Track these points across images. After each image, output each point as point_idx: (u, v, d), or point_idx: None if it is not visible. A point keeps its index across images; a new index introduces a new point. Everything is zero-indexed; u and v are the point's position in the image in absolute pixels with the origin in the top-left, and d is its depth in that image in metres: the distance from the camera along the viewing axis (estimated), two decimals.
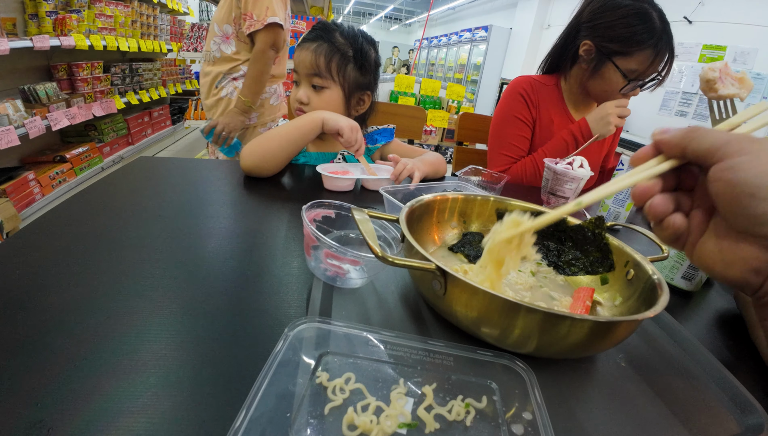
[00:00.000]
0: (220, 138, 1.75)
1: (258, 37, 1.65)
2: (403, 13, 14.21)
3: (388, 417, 0.31)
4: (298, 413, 0.31)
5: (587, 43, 1.15)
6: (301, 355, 0.36)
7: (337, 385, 0.34)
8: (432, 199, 0.59)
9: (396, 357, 0.37)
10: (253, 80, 1.71)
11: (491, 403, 0.34)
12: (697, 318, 0.63)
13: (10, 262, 0.52)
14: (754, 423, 0.41)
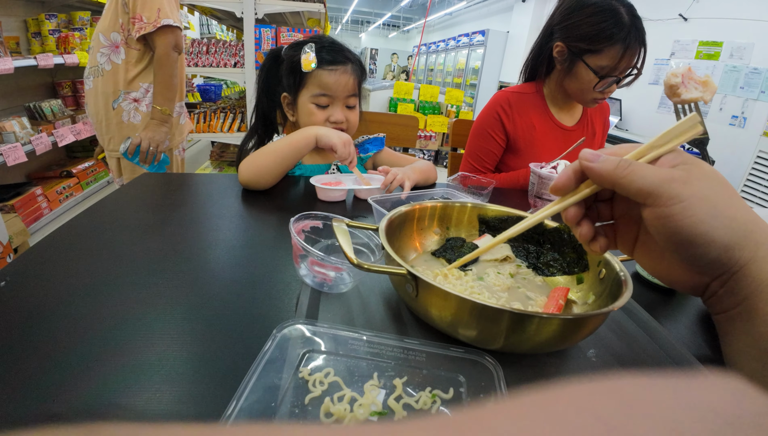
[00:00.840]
0: (148, 155, 1.66)
1: (156, 40, 1.58)
2: (400, 20, 14.32)
3: (362, 406, 0.35)
4: (282, 403, 0.35)
5: (559, 44, 1.19)
6: (287, 353, 0.39)
7: (317, 378, 0.37)
8: (411, 209, 0.62)
9: (373, 354, 0.41)
10: (164, 86, 1.65)
11: (457, 394, 0.37)
12: (679, 315, 0.65)
13: (26, 275, 0.56)
14: None
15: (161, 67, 1.62)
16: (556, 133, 1.32)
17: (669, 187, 0.32)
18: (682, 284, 0.37)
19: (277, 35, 2.42)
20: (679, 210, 0.32)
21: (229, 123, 2.71)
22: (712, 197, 0.32)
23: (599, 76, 1.13)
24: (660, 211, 0.33)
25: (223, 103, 3.28)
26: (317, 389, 0.36)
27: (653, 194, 0.32)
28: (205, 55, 2.55)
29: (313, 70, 1.02)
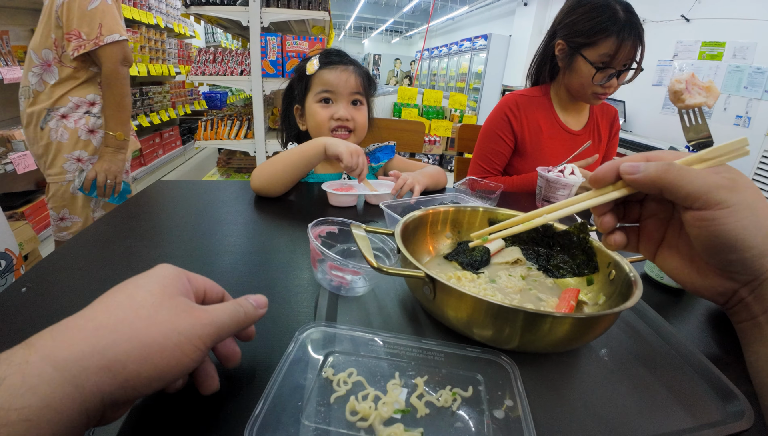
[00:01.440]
0: (106, 189, 1.53)
1: (102, 57, 1.43)
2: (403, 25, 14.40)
3: (385, 404, 0.36)
4: (307, 402, 0.36)
5: (560, 42, 1.24)
6: (310, 354, 0.41)
7: (341, 378, 0.38)
8: (425, 213, 0.63)
9: (393, 354, 0.42)
10: (116, 108, 1.49)
11: (477, 392, 0.39)
12: (687, 315, 0.66)
13: (47, 281, 0.57)
14: (736, 410, 0.44)
15: (111, 86, 1.47)
16: (563, 136, 1.33)
17: (717, 193, 0.33)
18: (707, 289, 0.37)
19: (283, 43, 2.45)
20: (724, 214, 0.33)
21: (236, 130, 2.74)
22: (754, 206, 0.33)
23: (596, 67, 1.16)
24: (705, 214, 0.33)
25: (229, 111, 3.32)
26: (341, 388, 0.38)
27: (702, 198, 0.33)
28: (212, 63, 2.59)
29: (316, 72, 1.09)
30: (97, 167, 1.51)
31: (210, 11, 2.41)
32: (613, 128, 1.43)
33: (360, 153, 0.92)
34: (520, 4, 7.13)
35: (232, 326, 0.34)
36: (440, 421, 0.36)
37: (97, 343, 0.27)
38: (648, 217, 0.42)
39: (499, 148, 1.36)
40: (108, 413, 0.28)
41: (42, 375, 0.25)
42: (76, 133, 1.51)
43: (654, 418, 0.42)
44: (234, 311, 0.35)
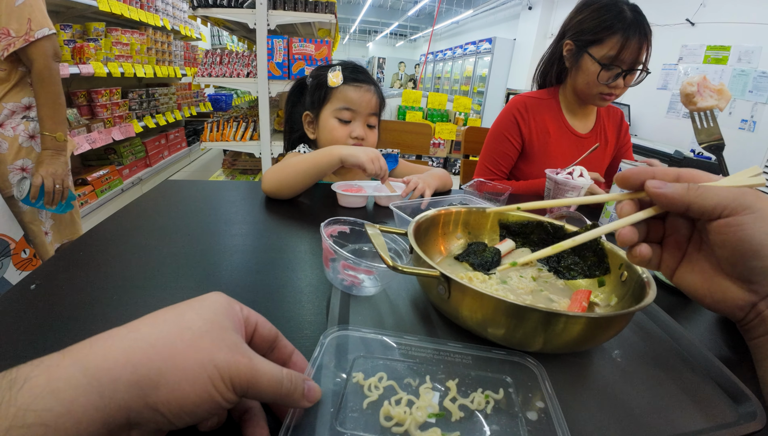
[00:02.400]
0: (54, 195, 1.42)
1: (33, 54, 1.33)
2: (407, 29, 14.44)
3: (419, 408, 0.36)
4: (340, 409, 0.36)
5: (568, 42, 1.26)
6: (336, 358, 0.41)
7: (371, 383, 0.38)
8: (437, 214, 0.64)
9: (420, 358, 0.42)
10: (52, 107, 1.39)
11: (507, 394, 0.39)
12: (698, 318, 0.66)
13: (56, 278, 0.58)
14: (748, 412, 0.44)
15: (44, 83, 1.36)
16: (570, 139, 1.33)
17: (744, 199, 0.34)
18: (727, 303, 0.37)
19: (289, 45, 2.46)
20: (750, 220, 0.33)
21: (241, 132, 2.75)
22: None
23: (602, 64, 1.17)
24: (732, 220, 0.34)
25: (235, 113, 3.33)
26: (373, 393, 0.38)
27: (729, 206, 0.34)
28: (218, 65, 2.60)
29: (338, 86, 1.09)
30: (42, 172, 1.38)
31: (217, 13, 2.43)
32: (621, 129, 1.43)
33: (379, 156, 0.92)
34: (525, 7, 7.14)
35: (267, 391, 0.30)
36: (475, 424, 0.36)
37: (132, 355, 0.26)
38: (669, 235, 0.42)
39: (506, 150, 1.37)
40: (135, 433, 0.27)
41: (69, 379, 0.24)
42: (16, 142, 1.40)
43: (667, 419, 0.42)
44: (277, 378, 0.31)
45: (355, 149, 0.93)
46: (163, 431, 0.28)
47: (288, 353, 0.38)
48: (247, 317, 0.35)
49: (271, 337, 0.37)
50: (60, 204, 1.46)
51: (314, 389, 0.34)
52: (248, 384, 0.29)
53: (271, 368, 0.31)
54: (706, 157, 3.53)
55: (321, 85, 1.12)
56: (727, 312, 0.38)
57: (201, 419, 0.29)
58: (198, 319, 0.30)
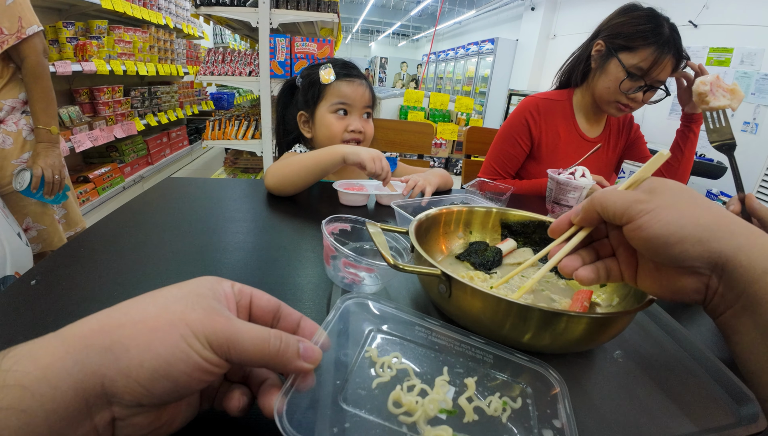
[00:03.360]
0: (53, 186, 1.47)
1: (24, 50, 1.38)
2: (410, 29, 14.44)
3: (431, 401, 0.33)
4: (347, 383, 0.34)
5: (599, 42, 1.23)
6: (351, 327, 0.39)
7: (385, 362, 0.36)
8: (438, 213, 0.64)
9: (440, 346, 0.40)
10: (45, 101, 1.44)
11: (525, 405, 0.37)
12: (699, 319, 0.66)
13: (56, 274, 0.58)
14: (749, 413, 0.44)
15: (37, 79, 1.41)
16: (579, 143, 1.33)
17: (634, 207, 0.38)
18: (683, 291, 0.38)
19: (292, 44, 2.46)
20: (645, 220, 0.37)
21: (243, 130, 2.75)
22: (673, 204, 0.37)
23: (628, 73, 1.15)
24: (632, 225, 0.38)
25: (236, 111, 3.34)
26: (386, 373, 0.35)
27: (625, 214, 0.38)
28: (221, 64, 2.60)
29: (331, 83, 1.10)
30: (41, 164, 1.43)
31: (220, 12, 2.43)
32: (630, 130, 1.42)
33: (381, 157, 0.91)
34: (528, 8, 7.14)
35: (252, 351, 0.29)
36: (488, 431, 0.34)
37: (107, 323, 0.26)
38: (617, 247, 0.44)
39: (514, 151, 1.36)
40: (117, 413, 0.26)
41: (48, 347, 0.24)
42: (20, 136, 1.46)
43: (668, 419, 0.42)
44: (262, 336, 0.29)
45: (356, 148, 0.94)
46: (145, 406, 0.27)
47: (295, 320, 0.35)
48: (240, 291, 0.33)
49: (271, 307, 0.34)
50: (57, 195, 1.50)
51: (311, 348, 0.31)
52: (228, 343, 0.28)
53: (254, 327, 0.30)
54: (707, 158, 3.52)
55: (314, 84, 1.13)
56: (689, 299, 0.39)
57: (186, 388, 0.27)
58: (176, 290, 0.30)
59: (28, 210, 1.51)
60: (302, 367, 0.31)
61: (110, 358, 0.25)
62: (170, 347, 0.26)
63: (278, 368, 0.31)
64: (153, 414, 0.28)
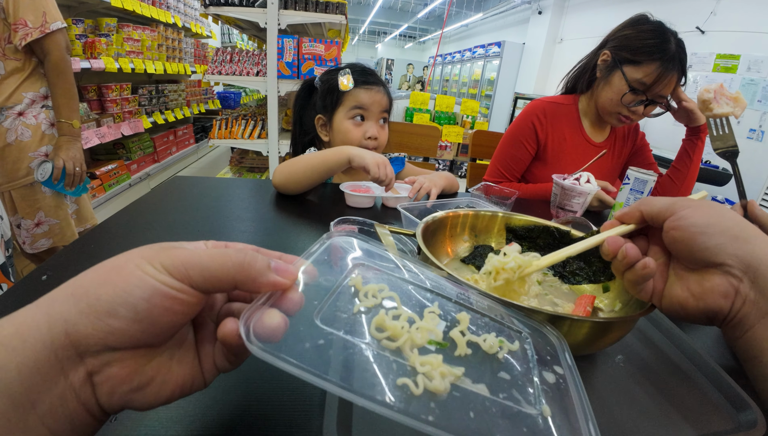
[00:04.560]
0: (74, 178, 1.50)
1: (48, 45, 1.40)
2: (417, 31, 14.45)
3: (419, 329, 0.30)
4: (326, 304, 0.30)
5: (606, 52, 1.24)
6: (335, 259, 0.36)
7: (369, 291, 0.33)
8: (445, 216, 0.64)
9: (433, 286, 0.38)
10: (68, 96, 1.47)
11: (524, 349, 0.35)
12: (702, 327, 0.67)
13: (67, 269, 0.59)
14: (748, 419, 0.44)
15: (60, 74, 1.44)
16: (585, 148, 1.34)
17: (680, 201, 0.42)
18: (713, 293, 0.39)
19: (299, 45, 2.48)
20: (689, 212, 0.40)
21: (249, 130, 2.76)
22: (709, 206, 0.41)
23: (631, 87, 1.16)
24: (676, 216, 0.41)
25: (243, 111, 3.35)
26: (369, 300, 0.32)
27: (669, 208, 0.42)
28: (228, 63, 2.62)
29: (350, 90, 1.11)
30: (62, 156, 1.46)
31: (228, 12, 2.45)
32: (636, 137, 1.43)
33: (386, 163, 0.92)
34: (535, 12, 7.14)
35: (214, 268, 0.27)
36: (482, 366, 0.31)
37: (75, 280, 0.26)
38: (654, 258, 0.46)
39: (520, 155, 1.37)
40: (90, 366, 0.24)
41: (25, 309, 0.25)
42: (39, 129, 1.47)
43: (668, 424, 0.43)
44: (223, 252, 0.28)
45: (363, 151, 0.94)
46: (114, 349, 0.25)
47: (275, 256, 0.33)
48: (214, 244, 0.32)
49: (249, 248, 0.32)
50: (78, 187, 1.53)
51: (285, 266, 0.29)
52: (186, 265, 0.26)
53: (212, 249, 0.28)
54: (713, 165, 3.51)
55: (332, 90, 1.14)
56: (713, 306, 0.39)
57: (150, 320, 0.25)
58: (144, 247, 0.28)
59: (42, 204, 1.52)
60: (276, 280, 0.28)
61: (71, 302, 0.25)
62: (125, 276, 0.25)
63: (249, 283, 0.28)
64: (130, 364, 0.26)
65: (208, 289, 0.27)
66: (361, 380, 0.26)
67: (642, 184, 0.91)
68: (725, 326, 0.40)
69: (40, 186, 1.48)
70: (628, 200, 0.93)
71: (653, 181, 0.91)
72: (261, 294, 0.28)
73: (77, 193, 1.58)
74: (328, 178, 0.99)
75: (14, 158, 1.44)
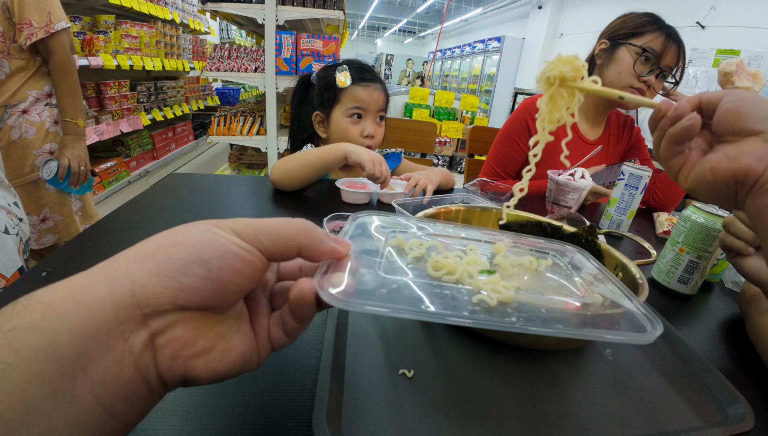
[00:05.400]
0: (79, 176, 1.51)
1: (53, 45, 1.42)
2: (416, 26, 14.40)
3: (469, 262, 0.35)
4: (381, 263, 0.34)
5: (603, 41, 1.24)
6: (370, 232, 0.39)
7: (413, 245, 0.36)
8: (437, 212, 0.65)
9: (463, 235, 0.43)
10: (72, 95, 1.49)
11: (556, 263, 0.42)
12: (695, 321, 0.67)
13: (67, 267, 0.60)
14: (736, 413, 0.45)
15: (64, 74, 1.46)
16: (579, 145, 1.34)
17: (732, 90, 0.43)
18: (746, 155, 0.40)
19: (297, 41, 2.47)
20: (743, 93, 0.42)
21: (248, 126, 2.76)
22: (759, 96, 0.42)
23: (642, 50, 1.15)
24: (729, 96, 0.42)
25: (242, 107, 3.35)
26: (416, 251, 0.36)
27: (725, 96, 0.43)
28: (227, 60, 2.61)
29: (347, 87, 1.11)
30: (67, 155, 1.47)
31: (226, 8, 2.44)
32: (632, 133, 1.42)
33: (382, 161, 0.93)
34: (535, 6, 7.11)
35: (281, 233, 0.28)
36: (531, 280, 0.36)
37: (133, 248, 0.25)
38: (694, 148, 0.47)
39: (514, 153, 1.37)
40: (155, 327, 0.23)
41: (76, 276, 0.23)
42: (43, 127, 1.49)
43: (656, 418, 0.43)
44: (288, 221, 0.29)
45: (359, 148, 0.95)
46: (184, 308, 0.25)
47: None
48: None
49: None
50: (82, 185, 1.55)
51: (339, 238, 0.32)
52: (255, 230, 0.27)
53: (279, 218, 0.29)
54: None
55: (330, 87, 1.14)
56: (746, 168, 0.40)
57: (222, 280, 0.25)
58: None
59: (46, 201, 1.53)
60: (335, 247, 0.30)
61: (137, 264, 0.24)
62: (196, 236, 0.25)
63: (312, 249, 0.29)
64: (195, 326, 0.25)
65: (275, 254, 0.28)
66: (442, 306, 0.30)
67: (637, 179, 0.92)
68: (752, 193, 0.40)
69: (44, 183, 1.50)
70: (622, 196, 0.93)
71: (648, 176, 0.91)
72: (321, 264, 0.30)
73: (81, 191, 1.59)
74: (325, 175, 0.99)
75: (19, 156, 1.45)
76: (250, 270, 0.26)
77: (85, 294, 0.22)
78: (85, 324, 0.21)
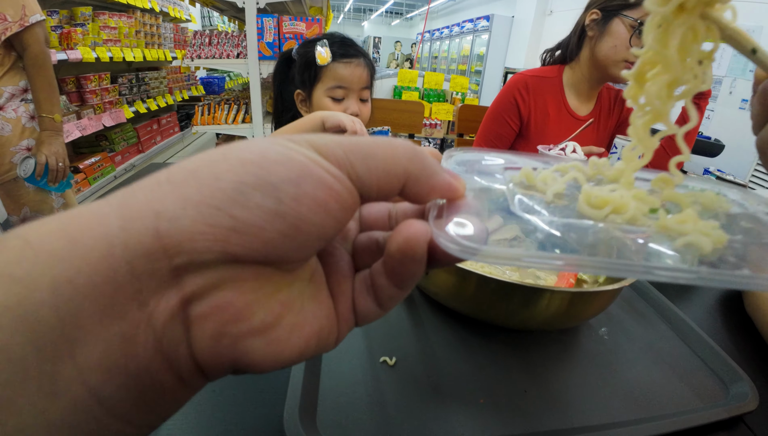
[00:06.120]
0: (57, 173, 1.47)
1: (27, 39, 1.38)
2: (403, 7, 14.18)
3: (634, 197, 0.24)
4: (510, 201, 0.24)
5: (594, 11, 1.18)
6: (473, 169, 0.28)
7: (546, 179, 0.25)
8: None
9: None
10: (48, 90, 1.44)
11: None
12: (693, 298, 0.65)
13: None
14: (740, 392, 0.43)
15: (39, 68, 1.41)
16: (569, 122, 1.31)
17: None
18: None
19: (280, 24, 2.40)
20: None
21: (233, 115, 2.70)
22: None
23: (639, 23, 1.09)
24: None
25: (226, 95, 3.29)
26: (554, 184, 0.25)
27: None
28: (208, 46, 2.54)
29: (328, 64, 1.05)
30: (45, 152, 1.43)
31: None
32: (623, 111, 1.38)
33: (358, 121, 0.90)
34: None
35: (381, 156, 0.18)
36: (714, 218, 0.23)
37: (168, 168, 0.16)
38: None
39: (503, 132, 1.34)
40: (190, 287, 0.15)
41: (85, 205, 0.15)
42: (20, 123, 1.44)
43: (655, 398, 0.41)
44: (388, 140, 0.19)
45: (335, 112, 0.92)
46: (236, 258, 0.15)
47: None
48: None
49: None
50: (61, 182, 1.51)
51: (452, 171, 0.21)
52: (345, 149, 0.18)
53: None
54: (705, 136, 3.50)
55: (310, 64, 1.09)
56: None
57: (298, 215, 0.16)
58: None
59: (26, 199, 1.50)
60: (451, 181, 0.20)
61: (167, 188, 0.15)
62: (259, 147, 0.17)
63: (423, 179, 0.19)
64: (252, 288, 0.16)
65: (371, 186, 0.18)
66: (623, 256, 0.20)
67: None
68: None
69: (23, 181, 1.46)
70: None
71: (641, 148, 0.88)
72: (431, 207, 0.20)
73: (61, 188, 1.54)
74: None
75: None
76: (337, 206, 0.17)
77: (85, 230, 0.14)
78: (80, 276, 0.13)
